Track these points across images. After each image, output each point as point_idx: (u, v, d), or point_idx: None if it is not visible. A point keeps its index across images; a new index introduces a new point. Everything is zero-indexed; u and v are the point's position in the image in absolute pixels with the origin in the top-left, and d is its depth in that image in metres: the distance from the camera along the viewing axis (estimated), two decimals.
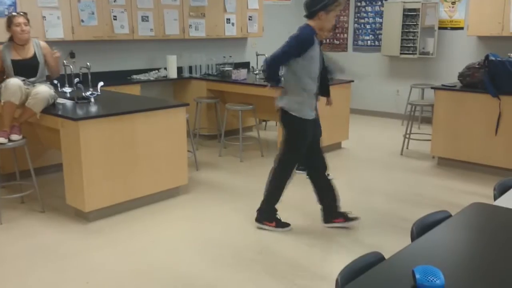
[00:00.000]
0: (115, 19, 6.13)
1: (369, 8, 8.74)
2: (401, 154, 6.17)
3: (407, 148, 6.26)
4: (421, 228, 1.98)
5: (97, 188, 3.97)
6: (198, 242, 3.71)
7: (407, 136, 6.21)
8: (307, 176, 3.97)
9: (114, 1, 6.09)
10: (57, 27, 5.60)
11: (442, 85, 5.73)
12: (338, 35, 9.26)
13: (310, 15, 3.57)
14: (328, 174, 3.99)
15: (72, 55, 5.91)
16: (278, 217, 3.90)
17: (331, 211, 3.92)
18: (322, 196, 3.93)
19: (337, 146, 6.49)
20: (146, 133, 4.24)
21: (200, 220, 4.14)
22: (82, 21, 5.82)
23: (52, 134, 4.31)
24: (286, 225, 3.88)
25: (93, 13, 5.90)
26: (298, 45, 3.52)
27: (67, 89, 4.80)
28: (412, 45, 7.93)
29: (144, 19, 6.44)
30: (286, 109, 3.70)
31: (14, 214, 4.22)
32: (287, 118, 3.73)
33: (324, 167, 3.92)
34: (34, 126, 4.52)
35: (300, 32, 3.57)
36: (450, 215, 2.12)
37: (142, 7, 6.40)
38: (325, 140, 6.20)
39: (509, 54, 5.65)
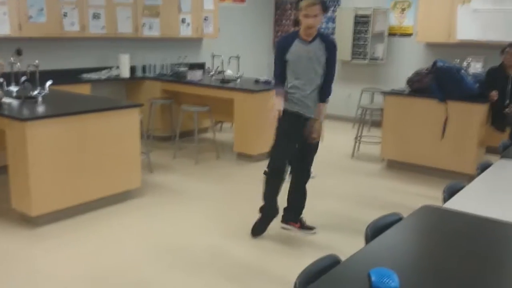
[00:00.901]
0: (65, 16, 5.93)
1: None
2: (352, 156, 6.32)
3: (358, 150, 6.41)
4: (375, 231, 2.02)
5: (44, 192, 3.82)
6: (151, 246, 3.65)
7: (358, 139, 6.36)
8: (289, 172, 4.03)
9: None
10: (3, 23, 5.35)
11: (392, 90, 5.92)
12: None
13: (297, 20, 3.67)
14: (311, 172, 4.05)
15: (19, 52, 5.69)
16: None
17: (294, 212, 3.94)
18: (293, 196, 3.94)
19: None
20: (97, 135, 4.12)
21: (153, 224, 4.07)
22: (31, 17, 5.59)
23: None
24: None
25: (42, 10, 5.68)
26: (276, 52, 3.69)
27: (14, 88, 4.58)
28: (363, 50, 8.14)
29: (96, 16, 6.26)
30: None
31: None
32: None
33: (306, 175, 3.91)
34: None
35: None
36: (402, 218, 2.19)
37: (94, 4, 6.22)
38: None
39: (456, 60, 5.91)
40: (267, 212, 3.87)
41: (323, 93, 3.70)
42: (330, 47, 3.59)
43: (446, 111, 5.27)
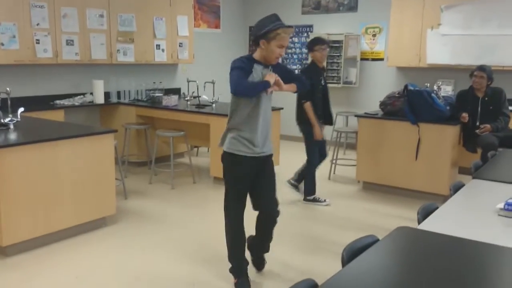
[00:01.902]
0: (38, 43, 5.88)
1: (296, 39, 9.05)
2: (329, 178, 6.36)
3: (334, 173, 6.46)
4: (351, 253, 2.02)
5: (15, 221, 3.72)
6: (127, 275, 3.56)
7: (334, 161, 6.42)
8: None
9: (37, 25, 5.85)
10: None
11: (365, 113, 6.02)
12: None
13: (254, 41, 3.29)
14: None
15: None
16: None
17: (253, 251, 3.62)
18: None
19: None
20: (70, 161, 4.05)
21: (128, 252, 3.98)
22: (2, 44, 5.53)
23: None
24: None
25: (14, 36, 5.62)
26: (237, 67, 3.19)
27: None
28: (337, 74, 8.28)
29: (69, 43, 6.23)
30: None
31: None
32: None
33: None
34: None
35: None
36: (378, 239, 2.20)
37: (67, 31, 6.19)
38: None
39: (426, 84, 6.06)
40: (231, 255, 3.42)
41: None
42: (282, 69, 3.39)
43: (418, 133, 5.37)
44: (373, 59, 8.19)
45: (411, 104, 5.35)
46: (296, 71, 8.78)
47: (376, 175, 5.75)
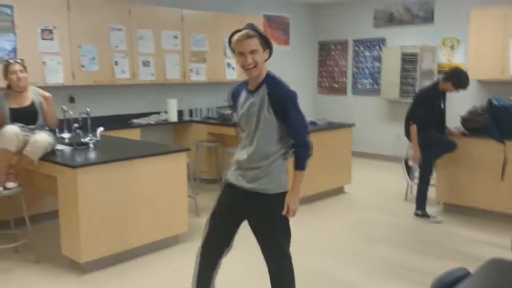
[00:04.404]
0: (116, 64, 6.14)
1: (367, 53, 8.83)
2: (405, 199, 6.05)
3: (411, 193, 6.13)
4: None
5: (94, 238, 3.83)
6: None
7: (411, 177, 6.09)
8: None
9: (116, 47, 6.11)
10: (57, 73, 5.59)
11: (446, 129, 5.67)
12: (337, 78, 9.32)
13: None
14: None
15: (71, 100, 5.90)
16: None
17: None
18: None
19: (339, 191, 6.38)
20: (146, 179, 4.13)
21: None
22: (83, 66, 5.82)
23: (50, 181, 4.19)
24: None
25: (94, 59, 5.91)
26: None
27: (66, 135, 4.72)
28: (412, 89, 7.95)
29: (145, 64, 6.45)
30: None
31: (7, 265, 4.05)
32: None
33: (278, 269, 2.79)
34: (31, 172, 4.41)
35: None
36: (469, 273, 2.00)
37: (144, 53, 6.42)
38: (327, 184, 6.14)
39: (510, 97, 5.64)
40: None
41: (295, 158, 2.73)
42: (275, 97, 2.62)
43: (504, 151, 4.98)
44: None
45: (496, 120, 4.99)
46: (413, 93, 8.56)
47: (457, 196, 5.40)
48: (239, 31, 2.59)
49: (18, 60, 4.27)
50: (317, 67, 9.62)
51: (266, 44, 2.63)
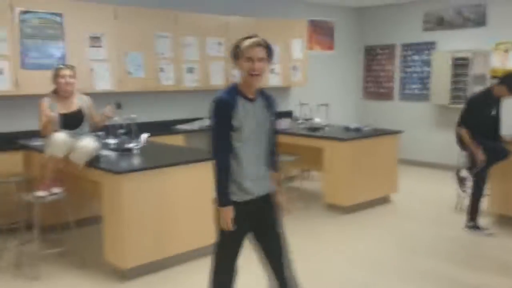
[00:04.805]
0: (162, 71, 6.21)
1: (416, 57, 8.55)
2: (456, 209, 5.77)
3: (462, 205, 5.83)
4: None
5: (136, 245, 3.85)
6: None
7: (463, 189, 5.81)
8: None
9: (162, 54, 6.19)
10: (105, 79, 5.72)
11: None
12: (383, 84, 9.09)
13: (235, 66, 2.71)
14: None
15: (118, 106, 6.00)
16: None
17: None
18: None
19: (385, 200, 6.17)
20: (187, 187, 4.13)
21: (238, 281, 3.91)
22: (130, 73, 5.92)
23: (95, 186, 4.27)
24: None
25: (140, 65, 6.00)
26: (217, 118, 2.61)
27: (111, 140, 4.79)
28: (463, 94, 7.62)
29: (190, 70, 6.50)
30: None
31: (52, 269, 4.14)
32: None
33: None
34: (77, 177, 4.50)
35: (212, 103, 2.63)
36: None
37: (189, 59, 6.47)
38: (373, 193, 5.96)
39: None
40: None
41: (277, 161, 2.85)
42: (274, 105, 2.75)
43: None
44: None
45: None
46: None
47: (508, 207, 5.09)
48: (250, 37, 2.63)
49: (69, 66, 4.38)
50: (363, 71, 9.41)
51: (270, 58, 2.69)
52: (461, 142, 5.05)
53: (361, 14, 9.24)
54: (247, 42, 2.59)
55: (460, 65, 7.59)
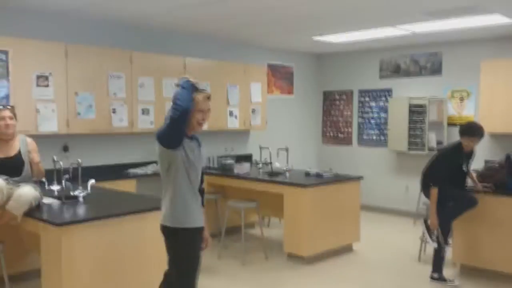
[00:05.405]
0: (114, 112, 5.90)
1: (373, 103, 8.63)
2: (419, 260, 5.61)
3: (424, 253, 5.69)
4: None
5: None
6: None
7: (424, 239, 5.68)
8: None
9: (114, 94, 5.89)
10: (51, 120, 5.33)
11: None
12: (342, 129, 9.08)
13: None
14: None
15: (65, 149, 5.64)
16: None
17: None
18: None
19: (348, 249, 5.96)
20: (138, 238, 3.77)
21: None
22: (79, 114, 5.58)
23: (34, 237, 3.84)
24: None
25: (91, 106, 5.67)
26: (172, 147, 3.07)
27: (55, 187, 4.38)
28: (420, 140, 7.68)
29: (145, 112, 6.22)
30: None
31: None
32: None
33: None
34: (15, 228, 4.06)
35: None
36: None
37: (143, 100, 6.20)
38: (335, 242, 5.75)
39: None
40: None
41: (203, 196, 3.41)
42: (200, 142, 3.29)
43: None
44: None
45: None
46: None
47: (477, 257, 4.99)
48: (201, 90, 3.05)
49: (8, 107, 4.04)
50: (322, 116, 9.41)
51: None
52: (425, 190, 4.96)
53: (319, 60, 9.32)
54: (201, 96, 3.01)
55: (416, 112, 7.68)
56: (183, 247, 3.08)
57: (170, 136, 2.94)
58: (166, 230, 3.12)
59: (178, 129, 2.91)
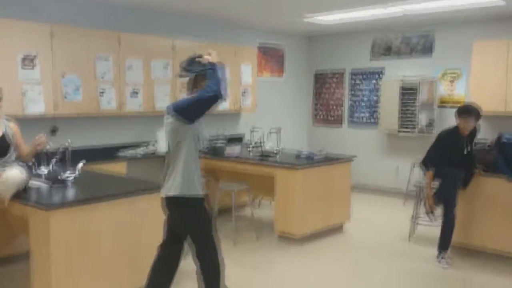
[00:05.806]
0: (102, 95, 5.81)
1: (364, 85, 8.59)
2: (409, 240, 5.64)
3: (414, 233, 5.73)
4: None
5: (66, 286, 3.41)
6: None
7: (415, 220, 5.71)
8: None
9: (102, 77, 5.79)
10: (38, 103, 5.24)
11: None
12: (332, 110, 9.06)
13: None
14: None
15: (53, 131, 5.56)
16: None
17: None
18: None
19: (338, 229, 5.99)
20: (128, 220, 3.75)
21: None
22: (66, 96, 5.49)
23: (22, 221, 3.80)
24: None
25: (78, 89, 5.58)
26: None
27: (43, 170, 4.29)
28: (411, 121, 7.68)
29: (133, 95, 6.14)
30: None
31: None
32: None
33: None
34: (2, 211, 4.01)
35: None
36: None
37: (132, 82, 6.12)
38: (325, 222, 5.78)
39: None
40: None
41: None
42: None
43: None
44: (453, 106, 7.51)
45: (507, 157, 4.68)
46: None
47: (467, 237, 5.03)
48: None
49: None
50: (313, 98, 9.37)
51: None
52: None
53: (311, 40, 9.24)
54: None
55: (408, 93, 7.66)
56: (203, 213, 3.41)
57: (200, 113, 3.31)
58: (175, 200, 3.28)
59: (207, 110, 3.28)
